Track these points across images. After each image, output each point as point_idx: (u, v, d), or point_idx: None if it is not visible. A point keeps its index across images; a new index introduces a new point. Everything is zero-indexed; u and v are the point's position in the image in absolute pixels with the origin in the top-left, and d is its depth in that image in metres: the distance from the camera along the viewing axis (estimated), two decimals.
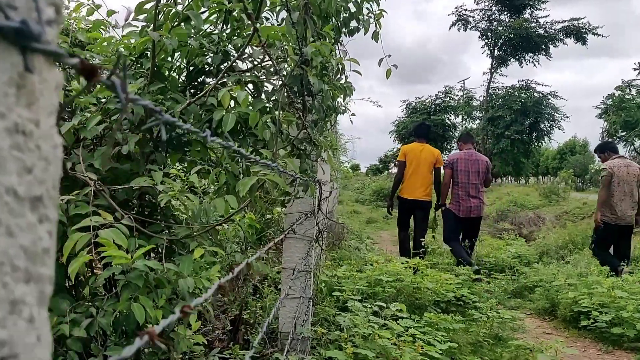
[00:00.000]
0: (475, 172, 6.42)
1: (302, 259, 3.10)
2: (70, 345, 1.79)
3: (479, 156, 6.54)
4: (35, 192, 0.27)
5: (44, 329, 0.32)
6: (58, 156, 0.30)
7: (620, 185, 6.35)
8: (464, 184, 6.41)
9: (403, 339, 3.36)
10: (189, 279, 1.78)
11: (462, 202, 6.41)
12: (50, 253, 0.29)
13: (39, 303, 0.30)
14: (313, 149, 2.69)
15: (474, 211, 6.45)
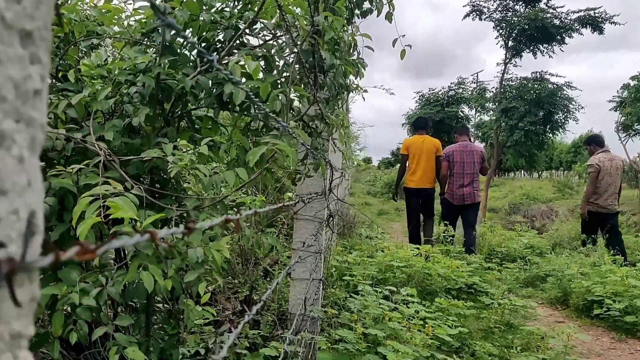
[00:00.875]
0: (470, 163, 6.82)
1: (312, 236, 3.09)
2: (80, 314, 1.79)
3: (473, 147, 6.94)
4: (25, 26, 0.26)
5: (35, 176, 0.31)
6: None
7: (604, 179, 6.90)
8: (459, 175, 6.82)
9: (414, 322, 3.34)
10: (199, 249, 1.77)
11: (456, 192, 6.84)
12: (42, 97, 0.28)
13: (29, 147, 0.28)
14: (324, 127, 2.67)
15: (467, 199, 6.83)
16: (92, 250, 0.36)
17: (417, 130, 7.34)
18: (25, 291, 0.31)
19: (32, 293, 0.32)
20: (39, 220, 0.31)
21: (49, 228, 1.99)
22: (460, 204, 6.87)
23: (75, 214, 1.48)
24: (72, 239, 2.03)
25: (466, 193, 6.82)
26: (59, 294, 1.81)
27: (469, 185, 6.84)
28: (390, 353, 2.67)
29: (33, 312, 0.30)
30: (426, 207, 7.18)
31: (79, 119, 2.14)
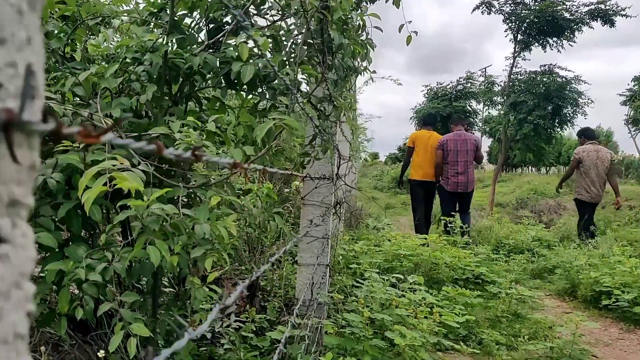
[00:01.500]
0: (464, 151, 6.99)
1: (319, 217, 3.07)
2: (86, 289, 1.79)
3: (467, 136, 7.11)
4: None
5: (35, 35, 0.29)
6: None
7: (591, 169, 7.32)
8: (453, 163, 7.00)
9: (421, 309, 3.33)
10: (205, 225, 1.76)
11: (451, 179, 7.03)
12: None
13: (29, 3, 0.27)
14: (332, 110, 2.66)
15: (461, 187, 7.04)
16: (95, 136, 0.34)
17: (425, 126, 7.65)
18: (25, 155, 0.29)
19: (32, 160, 0.30)
20: (39, 83, 0.29)
21: (56, 205, 1.99)
22: (454, 190, 7.06)
23: (81, 185, 1.47)
24: (79, 217, 2.03)
25: (461, 181, 7.02)
26: (66, 270, 1.81)
27: (463, 174, 7.02)
28: (397, 337, 2.65)
29: (32, 181, 0.28)
30: (429, 199, 7.42)
31: (85, 97, 2.13)
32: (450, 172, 7.05)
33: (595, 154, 7.35)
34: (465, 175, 7.01)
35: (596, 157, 7.34)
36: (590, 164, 7.32)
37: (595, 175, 7.33)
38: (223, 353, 2.75)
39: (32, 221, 1.94)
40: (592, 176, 7.34)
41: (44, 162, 1.93)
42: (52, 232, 1.90)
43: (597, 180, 7.34)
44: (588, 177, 7.36)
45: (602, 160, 7.34)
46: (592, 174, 7.33)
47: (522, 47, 13.11)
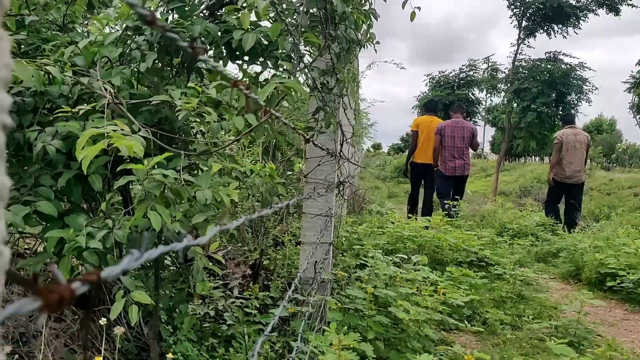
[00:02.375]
0: (461, 138, 7.40)
1: (322, 194, 3.05)
2: (87, 257, 1.77)
3: (464, 123, 7.52)
4: None
5: None
6: None
7: (569, 151, 7.74)
8: (450, 148, 7.39)
9: (425, 287, 3.31)
10: (207, 191, 1.73)
11: (448, 163, 7.42)
12: None
13: None
14: (335, 84, 2.62)
15: (458, 170, 7.45)
16: None
17: (428, 112, 8.07)
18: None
19: None
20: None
21: (57, 174, 1.96)
22: (451, 174, 7.45)
23: (79, 145, 1.44)
24: (79, 187, 2.01)
25: (457, 165, 7.43)
26: (66, 237, 1.79)
27: (460, 159, 7.44)
28: (401, 312, 2.63)
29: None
30: (428, 181, 7.84)
31: (85, 67, 2.10)
32: (447, 157, 7.43)
33: (573, 137, 7.80)
34: (461, 161, 7.44)
35: (574, 140, 7.79)
36: (569, 146, 7.77)
37: (572, 156, 7.78)
38: (226, 329, 2.74)
39: (32, 191, 1.92)
40: (569, 157, 7.79)
41: (44, 131, 1.90)
42: (52, 201, 1.88)
43: (575, 160, 7.79)
44: (566, 158, 7.81)
45: (580, 142, 7.80)
46: (570, 155, 7.78)
47: (526, 34, 13.02)
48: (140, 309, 2.54)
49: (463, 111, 7.98)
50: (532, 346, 3.37)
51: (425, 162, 7.70)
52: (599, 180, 17.29)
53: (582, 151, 7.80)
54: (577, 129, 8.00)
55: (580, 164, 7.80)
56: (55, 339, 2.22)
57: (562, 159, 7.81)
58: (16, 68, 1.71)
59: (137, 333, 2.66)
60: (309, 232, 3.33)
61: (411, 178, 8.02)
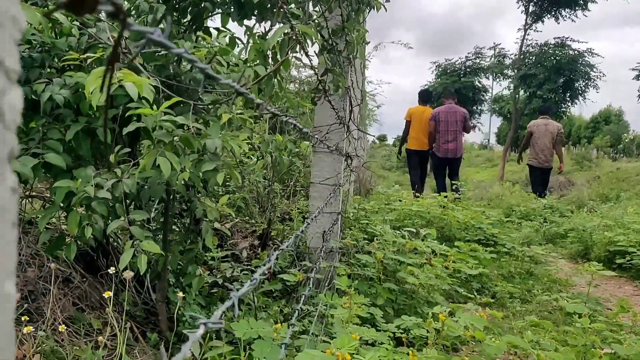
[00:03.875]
0: (454, 122, 7.95)
1: (330, 164, 3.02)
2: (95, 207, 1.75)
3: (457, 109, 8.04)
4: None
5: None
6: None
7: (540, 139, 8.58)
8: (443, 132, 7.97)
9: (434, 258, 3.28)
10: (217, 139, 1.71)
11: (442, 146, 7.99)
12: None
13: None
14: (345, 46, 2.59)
15: (451, 152, 8.01)
16: None
17: (422, 102, 8.56)
18: None
19: None
20: None
21: (65, 128, 1.94)
22: (444, 156, 8.04)
23: (88, 83, 1.42)
24: (88, 140, 1.99)
25: (450, 148, 7.97)
26: (74, 189, 1.76)
27: (452, 142, 7.98)
28: (410, 277, 2.61)
29: None
30: (423, 165, 8.51)
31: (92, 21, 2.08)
32: (441, 140, 8.00)
33: (544, 127, 8.60)
34: (454, 143, 7.99)
35: (545, 130, 8.58)
36: (540, 135, 8.58)
37: (543, 144, 8.59)
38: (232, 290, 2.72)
39: (41, 144, 1.90)
40: (540, 145, 8.59)
41: (51, 82, 1.88)
42: (60, 154, 1.86)
43: (545, 148, 8.59)
44: (537, 146, 8.62)
45: (551, 131, 8.56)
46: (541, 143, 8.60)
47: (533, 19, 12.90)
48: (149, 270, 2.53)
49: (455, 97, 8.53)
50: (541, 318, 3.34)
51: (418, 149, 8.28)
52: (606, 169, 17.17)
53: (551, 139, 8.57)
54: (549, 120, 8.76)
55: (549, 151, 8.59)
56: (64, 297, 2.21)
57: (535, 146, 8.64)
58: (25, 15, 1.68)
59: (146, 298, 2.65)
60: (317, 201, 3.31)
61: (409, 164, 8.70)
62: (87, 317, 2.21)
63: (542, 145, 8.60)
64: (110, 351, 2.05)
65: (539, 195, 8.41)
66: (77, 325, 2.14)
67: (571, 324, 2.61)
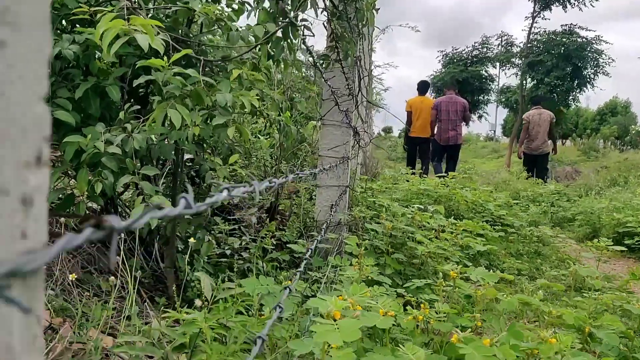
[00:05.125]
0: (454, 112, 8.58)
1: (339, 137, 3.00)
2: (105, 162, 1.74)
3: (457, 99, 8.67)
4: None
5: None
6: None
7: (534, 128, 9.27)
8: (444, 121, 8.61)
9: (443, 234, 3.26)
10: (228, 94, 1.69)
11: (442, 134, 8.65)
12: None
13: None
14: (354, 13, 2.57)
15: (451, 140, 8.63)
16: None
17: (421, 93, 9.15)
18: None
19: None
20: None
21: (74, 86, 1.93)
22: (445, 144, 8.68)
23: (99, 28, 1.40)
24: (97, 96, 1.98)
25: (450, 136, 8.60)
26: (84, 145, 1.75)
27: (452, 130, 8.61)
28: (419, 246, 2.60)
29: None
30: (423, 151, 9.06)
31: None
32: (441, 129, 8.65)
33: (537, 117, 9.26)
34: (454, 131, 8.61)
35: (539, 119, 9.24)
36: (534, 124, 9.27)
37: (537, 132, 9.24)
38: (242, 262, 2.71)
39: (50, 102, 1.89)
40: (535, 134, 9.26)
41: (60, 38, 1.87)
42: (69, 112, 1.86)
43: (538, 135, 9.26)
44: (533, 134, 9.30)
45: (544, 121, 9.22)
46: (536, 132, 9.25)
47: (542, 7, 12.79)
48: (157, 236, 2.53)
49: (455, 88, 9.19)
50: (550, 294, 3.33)
51: (418, 136, 8.89)
52: (614, 159, 17.09)
53: (545, 127, 9.21)
54: (542, 109, 9.41)
55: (543, 138, 9.24)
56: (73, 259, 2.21)
57: (531, 135, 9.30)
58: None
59: (154, 265, 2.65)
60: (325, 175, 3.29)
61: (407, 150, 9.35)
62: (95, 279, 2.20)
63: (537, 134, 9.25)
64: (118, 312, 2.05)
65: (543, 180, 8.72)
66: (85, 286, 2.14)
67: (582, 294, 2.59)
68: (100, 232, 0.36)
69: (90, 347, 1.57)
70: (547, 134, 9.28)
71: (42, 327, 0.29)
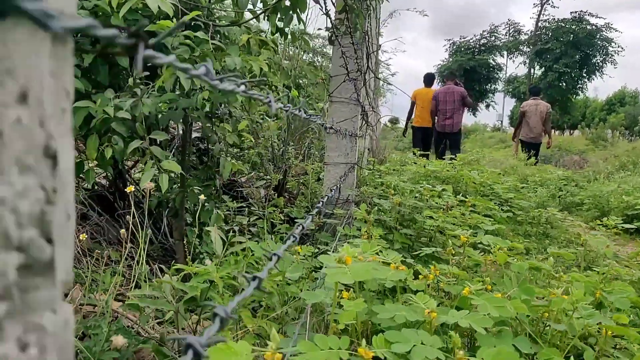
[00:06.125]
0: (452, 101, 9.09)
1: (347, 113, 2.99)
2: (115, 127, 1.74)
3: (454, 89, 9.13)
4: None
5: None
6: None
7: (531, 118, 9.77)
8: (442, 110, 9.16)
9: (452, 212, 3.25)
10: (237, 58, 1.69)
11: (440, 123, 9.22)
12: None
13: None
14: None
15: (448, 127, 9.18)
16: None
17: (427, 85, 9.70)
18: None
19: None
20: None
21: (82, 53, 1.93)
22: (442, 131, 9.23)
23: None
24: (105, 65, 1.98)
25: (447, 124, 9.14)
26: (93, 111, 1.75)
27: (450, 118, 9.13)
28: (429, 220, 2.59)
29: None
30: (425, 140, 9.63)
31: None
32: (440, 118, 9.20)
33: (534, 107, 9.75)
34: (451, 119, 9.13)
35: (535, 109, 9.73)
36: (531, 114, 9.76)
37: (534, 122, 9.74)
38: (250, 238, 2.72)
39: None
40: (532, 123, 9.76)
41: None
42: (78, 78, 1.85)
43: (536, 125, 9.75)
44: (529, 124, 9.79)
45: (540, 111, 9.73)
46: (532, 121, 9.76)
47: None
48: (166, 208, 2.53)
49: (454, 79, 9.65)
50: (560, 264, 3.32)
51: (422, 126, 9.53)
52: (622, 148, 16.98)
53: (541, 118, 9.70)
54: (539, 100, 9.89)
55: (539, 127, 9.74)
56: (82, 229, 2.22)
57: (528, 124, 9.81)
58: None
59: (162, 239, 2.66)
60: (334, 152, 3.29)
61: (413, 139, 9.89)
62: (105, 248, 2.21)
63: (533, 123, 9.77)
64: (127, 281, 2.06)
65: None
66: (95, 256, 2.15)
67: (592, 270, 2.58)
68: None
69: (100, 309, 1.58)
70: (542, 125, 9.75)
71: None
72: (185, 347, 0.36)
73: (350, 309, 1.02)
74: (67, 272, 0.28)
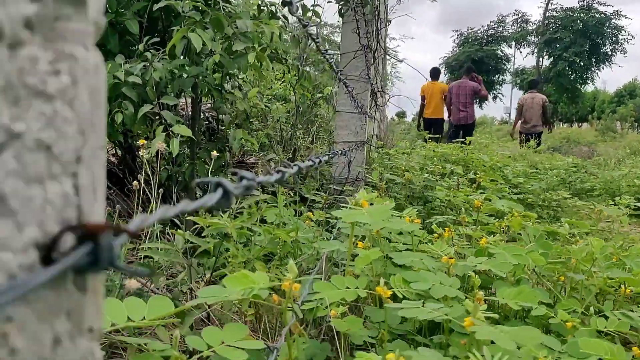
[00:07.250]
0: (464, 95, 9.50)
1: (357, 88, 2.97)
2: (126, 92, 1.73)
3: (467, 83, 9.53)
4: None
5: None
6: None
7: (528, 111, 10.22)
8: (456, 103, 9.61)
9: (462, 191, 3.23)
10: (248, 21, 1.67)
11: (454, 114, 9.65)
12: None
13: None
14: None
15: (462, 120, 9.61)
16: None
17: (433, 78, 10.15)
18: None
19: None
20: None
21: None
22: (457, 123, 9.64)
23: None
24: (115, 33, 1.96)
25: (461, 116, 9.55)
26: None
27: (463, 111, 9.55)
28: (440, 192, 2.58)
29: None
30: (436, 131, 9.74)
31: None
32: (454, 110, 9.63)
33: (531, 100, 10.16)
34: (465, 112, 9.55)
35: (532, 102, 10.16)
36: (528, 107, 10.18)
37: (530, 114, 10.18)
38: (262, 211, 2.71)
39: None
40: (530, 115, 10.18)
41: None
42: None
43: (534, 117, 10.18)
44: (527, 116, 10.23)
45: (537, 103, 10.12)
46: (530, 113, 10.18)
47: None
48: (177, 182, 2.53)
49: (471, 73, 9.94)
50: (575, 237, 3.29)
51: (431, 117, 9.98)
52: (632, 139, 16.86)
53: (538, 109, 10.11)
54: (536, 93, 10.30)
55: (537, 119, 10.16)
56: None
57: (526, 116, 10.21)
58: None
59: None
60: (343, 130, 3.27)
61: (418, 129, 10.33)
62: (116, 220, 2.21)
63: (531, 115, 10.22)
64: (137, 250, 2.05)
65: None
66: None
67: None
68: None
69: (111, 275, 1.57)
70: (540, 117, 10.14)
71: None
72: (214, 186, 0.35)
73: (366, 254, 1.01)
74: (98, 12, 0.27)
